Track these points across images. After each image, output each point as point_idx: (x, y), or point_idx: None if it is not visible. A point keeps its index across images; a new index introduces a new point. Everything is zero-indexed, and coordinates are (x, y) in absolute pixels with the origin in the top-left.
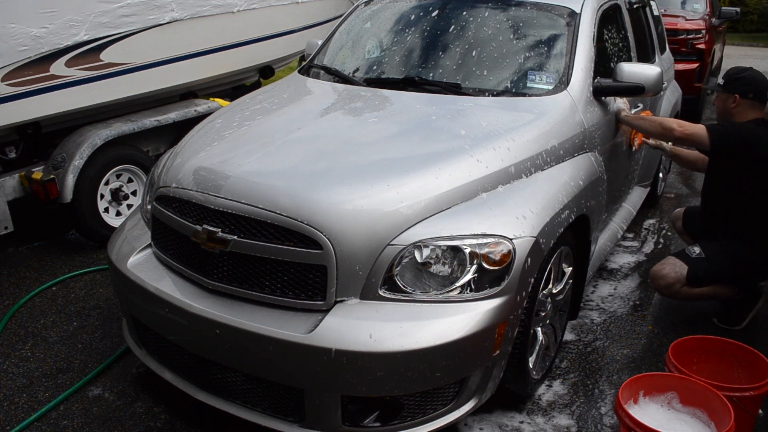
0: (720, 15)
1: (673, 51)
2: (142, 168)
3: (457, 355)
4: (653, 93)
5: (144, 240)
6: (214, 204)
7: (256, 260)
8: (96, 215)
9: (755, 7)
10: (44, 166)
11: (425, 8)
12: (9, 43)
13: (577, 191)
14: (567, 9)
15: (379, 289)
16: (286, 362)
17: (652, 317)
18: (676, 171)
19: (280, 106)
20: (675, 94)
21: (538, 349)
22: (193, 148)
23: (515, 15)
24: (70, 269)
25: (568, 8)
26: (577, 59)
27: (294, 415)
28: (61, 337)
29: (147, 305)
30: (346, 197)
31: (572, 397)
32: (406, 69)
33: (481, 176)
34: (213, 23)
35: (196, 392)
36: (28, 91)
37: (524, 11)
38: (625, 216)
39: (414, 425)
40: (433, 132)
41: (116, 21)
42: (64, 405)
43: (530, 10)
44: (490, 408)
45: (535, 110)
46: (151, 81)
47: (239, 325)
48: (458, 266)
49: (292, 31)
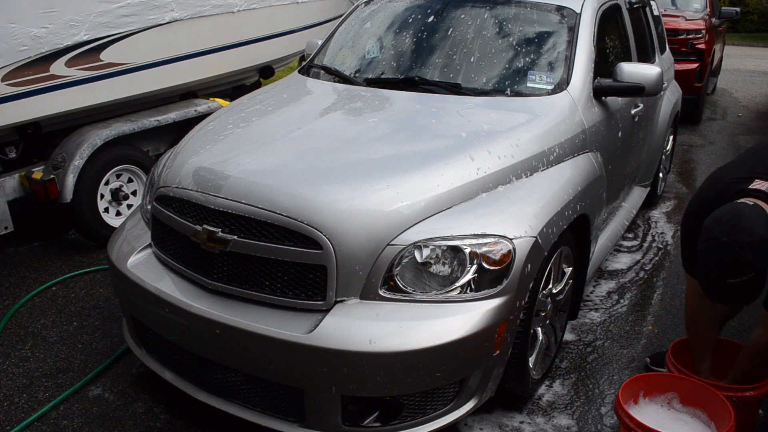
0: (720, 15)
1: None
2: (142, 168)
3: (457, 355)
4: (653, 93)
5: (144, 240)
6: (214, 204)
7: (256, 260)
8: (96, 215)
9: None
10: (44, 166)
11: (425, 8)
12: (9, 43)
13: (577, 191)
14: (567, 9)
15: (379, 289)
16: (286, 362)
17: (652, 317)
18: (676, 171)
19: (280, 106)
20: (675, 94)
21: (538, 349)
22: (193, 148)
23: (515, 15)
24: (70, 269)
25: (568, 8)
26: (577, 59)
27: (294, 415)
28: (61, 337)
29: (147, 305)
30: (346, 197)
31: (572, 397)
32: (406, 69)
33: (481, 176)
34: (213, 23)
35: (196, 392)
36: (28, 91)
37: (524, 11)
38: (625, 216)
39: (414, 425)
40: (433, 132)
41: (116, 21)
42: (64, 405)
43: (530, 10)
44: (490, 408)
45: (535, 110)
46: (151, 81)
47: (239, 325)
48: (458, 266)
49: (292, 31)
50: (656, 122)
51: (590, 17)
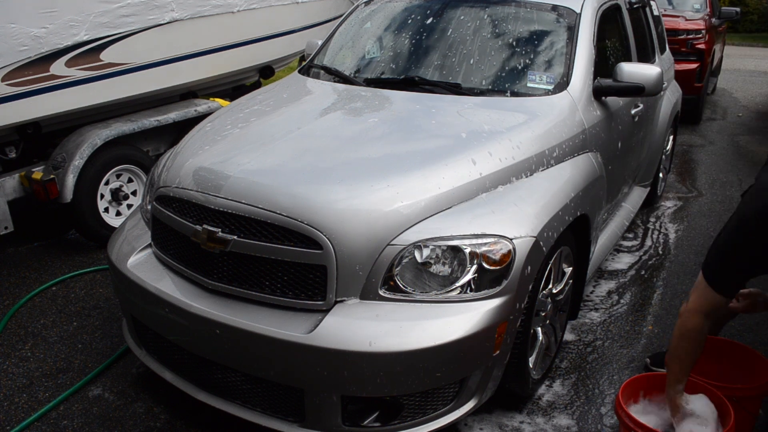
0: (720, 15)
1: (673, 51)
2: (142, 168)
3: (457, 355)
4: (653, 93)
5: (144, 240)
6: (214, 204)
7: (256, 260)
8: (96, 215)
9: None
10: (44, 166)
11: (425, 8)
12: (9, 43)
13: (577, 191)
14: (567, 9)
15: (379, 289)
16: (286, 362)
17: (652, 317)
18: (676, 171)
19: (280, 106)
20: (675, 94)
21: (538, 349)
22: (193, 148)
23: (515, 15)
24: (70, 269)
25: (568, 8)
26: (577, 59)
27: (294, 415)
28: (61, 337)
29: (147, 305)
30: (346, 197)
31: (572, 397)
32: (406, 69)
33: (481, 176)
34: (213, 23)
35: (196, 392)
36: (28, 91)
37: (524, 11)
38: (625, 216)
39: (414, 425)
40: (433, 132)
41: (116, 21)
42: (64, 405)
43: (530, 10)
44: (490, 408)
45: (535, 110)
46: (151, 81)
47: (239, 325)
48: (458, 266)
49: (292, 31)
50: (656, 122)
51: (590, 17)
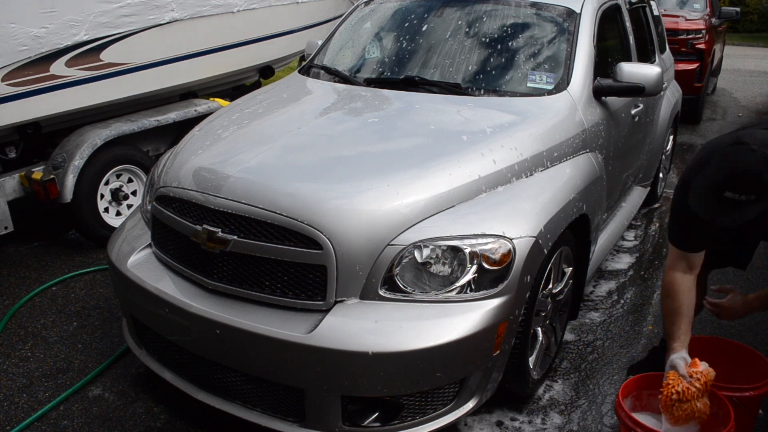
0: (720, 15)
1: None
2: (142, 168)
3: (457, 355)
4: (653, 93)
5: (144, 240)
6: (214, 204)
7: (256, 260)
8: (96, 215)
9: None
10: (44, 166)
11: (425, 8)
12: (9, 43)
13: (577, 191)
14: (567, 9)
15: (379, 289)
16: (286, 362)
17: (652, 317)
18: (676, 171)
19: (279, 106)
20: (675, 94)
21: (538, 349)
22: (193, 148)
23: (515, 15)
24: (70, 269)
25: (568, 8)
26: (577, 59)
27: (294, 415)
28: (61, 337)
29: (147, 305)
30: (346, 197)
31: (572, 397)
32: (406, 69)
33: (480, 176)
34: (213, 23)
35: (196, 392)
36: (28, 91)
37: (524, 11)
38: (625, 216)
39: (414, 425)
40: (432, 132)
41: (116, 21)
42: (64, 405)
43: (530, 10)
44: (490, 408)
45: (536, 110)
46: (151, 81)
47: (239, 325)
48: (458, 266)
49: (292, 31)
50: (656, 122)
51: (590, 17)
